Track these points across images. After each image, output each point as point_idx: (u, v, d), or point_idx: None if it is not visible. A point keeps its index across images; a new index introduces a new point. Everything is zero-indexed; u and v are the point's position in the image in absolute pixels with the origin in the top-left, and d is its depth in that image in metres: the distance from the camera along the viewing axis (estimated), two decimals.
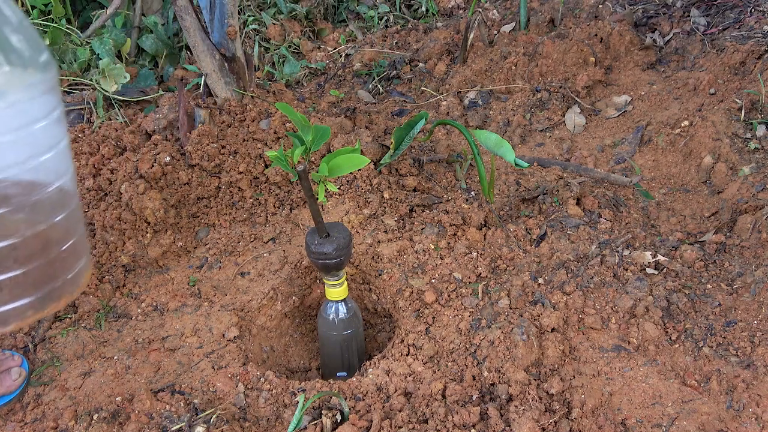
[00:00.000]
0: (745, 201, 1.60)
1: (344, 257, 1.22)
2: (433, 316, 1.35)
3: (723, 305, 1.31)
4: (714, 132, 1.79)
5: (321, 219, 1.18)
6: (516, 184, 1.75)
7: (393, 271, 1.45)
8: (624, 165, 1.85)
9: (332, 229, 1.23)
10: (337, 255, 1.20)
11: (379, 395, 1.18)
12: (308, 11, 2.58)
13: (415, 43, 2.45)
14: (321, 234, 1.20)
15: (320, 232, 1.20)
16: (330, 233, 1.21)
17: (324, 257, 1.20)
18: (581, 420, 1.13)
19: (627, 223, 1.59)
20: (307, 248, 1.22)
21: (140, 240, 1.57)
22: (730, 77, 1.96)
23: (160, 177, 1.64)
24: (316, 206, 1.15)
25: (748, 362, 1.18)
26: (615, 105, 2.06)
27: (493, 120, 2.07)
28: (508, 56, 2.15)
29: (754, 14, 2.16)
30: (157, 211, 1.58)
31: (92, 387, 1.27)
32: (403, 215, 1.58)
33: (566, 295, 1.32)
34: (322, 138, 1.11)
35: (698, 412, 1.11)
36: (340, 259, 1.21)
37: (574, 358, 1.23)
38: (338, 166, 1.11)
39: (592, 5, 2.30)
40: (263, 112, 1.94)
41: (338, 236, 1.21)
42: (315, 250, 1.20)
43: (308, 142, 1.10)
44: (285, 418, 1.15)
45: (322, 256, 1.20)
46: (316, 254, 1.20)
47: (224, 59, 1.90)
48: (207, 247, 1.59)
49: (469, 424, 1.10)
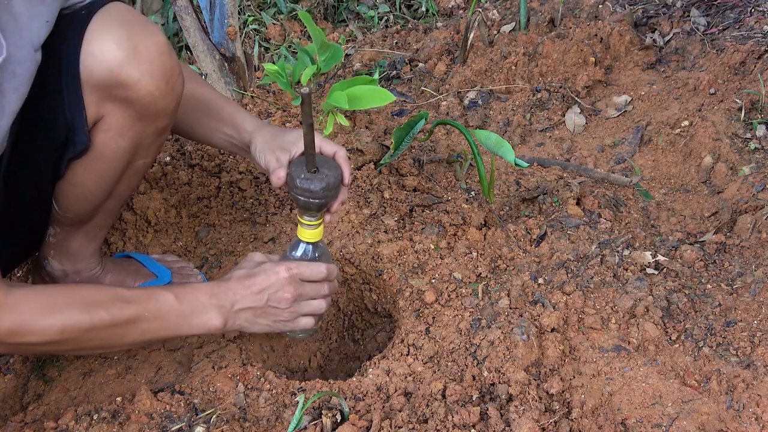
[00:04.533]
0: (745, 201, 1.60)
1: (331, 198, 1.12)
2: (433, 316, 1.35)
3: (723, 305, 1.31)
4: (714, 132, 1.79)
5: (314, 151, 1.05)
6: (516, 184, 1.75)
7: (393, 271, 1.45)
8: (624, 165, 1.85)
9: (322, 164, 1.11)
10: (323, 195, 1.09)
11: (379, 395, 1.18)
12: (308, 11, 2.59)
13: (415, 43, 2.45)
14: (310, 167, 1.07)
15: (309, 165, 1.07)
16: (319, 169, 1.09)
17: (309, 194, 1.08)
18: (581, 420, 1.13)
19: (627, 223, 1.60)
20: (290, 180, 1.09)
21: (141, 240, 1.57)
22: (730, 77, 1.96)
23: (160, 177, 1.64)
24: (312, 137, 1.02)
25: (748, 362, 1.18)
26: (615, 105, 2.06)
27: (493, 120, 2.07)
28: (508, 56, 2.15)
29: (754, 14, 2.16)
30: (157, 210, 1.58)
31: (92, 387, 1.27)
32: (403, 215, 1.58)
33: (566, 295, 1.33)
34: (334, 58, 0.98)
35: (698, 412, 1.11)
36: (325, 200, 1.11)
37: (574, 358, 1.23)
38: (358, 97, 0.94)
39: (592, 5, 2.30)
40: (263, 112, 1.94)
41: (328, 174, 1.09)
42: (300, 185, 1.07)
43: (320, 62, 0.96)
44: (285, 418, 1.15)
45: (307, 193, 1.08)
46: (300, 189, 1.08)
47: (224, 59, 1.90)
48: (207, 247, 1.59)
49: (469, 424, 1.10)
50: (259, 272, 1.14)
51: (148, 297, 1.06)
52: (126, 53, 1.05)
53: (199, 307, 1.09)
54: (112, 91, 1.08)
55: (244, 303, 1.12)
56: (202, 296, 1.10)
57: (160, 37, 1.10)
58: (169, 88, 1.12)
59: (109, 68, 1.06)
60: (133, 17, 1.09)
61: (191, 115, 1.28)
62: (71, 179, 1.19)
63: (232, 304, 1.11)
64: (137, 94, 1.09)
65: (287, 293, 1.14)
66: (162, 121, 1.17)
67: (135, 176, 1.26)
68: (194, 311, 1.09)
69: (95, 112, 1.11)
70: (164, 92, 1.12)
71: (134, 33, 1.07)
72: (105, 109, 1.11)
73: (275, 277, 1.14)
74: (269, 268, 1.14)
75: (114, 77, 1.06)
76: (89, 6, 1.07)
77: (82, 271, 1.35)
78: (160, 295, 1.07)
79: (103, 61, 1.05)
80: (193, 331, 1.10)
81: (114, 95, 1.09)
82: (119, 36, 1.05)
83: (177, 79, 1.13)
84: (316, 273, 1.18)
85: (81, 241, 1.32)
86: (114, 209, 1.32)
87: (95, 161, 1.17)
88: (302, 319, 1.18)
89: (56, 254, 1.32)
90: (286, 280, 1.14)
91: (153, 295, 1.07)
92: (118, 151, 1.17)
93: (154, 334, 1.08)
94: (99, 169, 1.18)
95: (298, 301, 1.16)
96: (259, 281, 1.13)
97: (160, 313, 1.06)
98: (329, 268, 1.20)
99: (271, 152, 1.17)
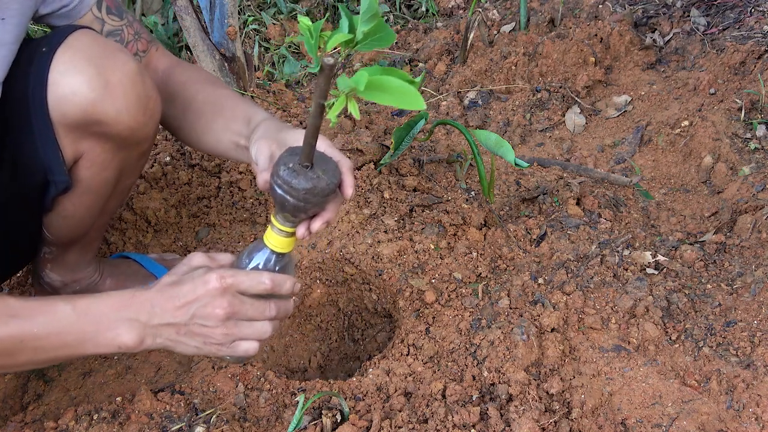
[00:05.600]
0: (745, 201, 1.60)
1: (312, 207, 0.89)
2: (433, 316, 1.35)
3: (723, 305, 1.31)
4: (714, 132, 1.79)
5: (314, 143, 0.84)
6: (516, 184, 1.75)
7: (393, 271, 1.45)
8: (624, 165, 1.85)
9: (321, 164, 0.89)
10: (304, 197, 0.87)
11: (379, 395, 1.18)
12: (308, 11, 2.59)
13: (415, 43, 2.45)
14: (304, 159, 0.86)
15: (304, 157, 0.86)
16: (314, 167, 0.87)
17: (287, 189, 0.86)
18: (581, 420, 1.13)
19: (627, 223, 1.60)
20: (275, 166, 0.88)
21: (141, 240, 1.57)
22: (730, 77, 1.96)
23: (160, 177, 1.64)
24: (318, 122, 0.80)
25: (748, 362, 1.18)
26: (615, 105, 2.06)
27: (493, 120, 2.07)
28: (508, 56, 2.15)
29: (754, 14, 2.16)
30: (157, 210, 1.58)
31: (92, 387, 1.27)
32: (403, 215, 1.58)
33: (566, 295, 1.33)
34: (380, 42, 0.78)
35: (698, 412, 1.11)
36: (305, 205, 0.88)
37: (574, 358, 1.23)
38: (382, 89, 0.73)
39: (592, 5, 2.30)
40: None
41: (321, 177, 0.87)
42: (282, 174, 0.86)
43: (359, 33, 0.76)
44: (285, 418, 1.15)
45: (286, 187, 0.86)
46: (280, 179, 0.86)
47: (224, 59, 1.90)
48: (207, 247, 1.60)
49: (469, 424, 1.10)
50: (186, 280, 0.92)
51: (40, 309, 0.90)
52: (98, 92, 1.00)
53: (104, 321, 0.90)
54: (89, 128, 1.05)
55: (164, 317, 0.91)
56: (107, 308, 0.91)
57: (130, 64, 1.04)
58: (147, 116, 1.08)
59: (83, 109, 1.01)
60: (99, 48, 1.02)
61: (202, 118, 1.15)
62: (60, 212, 1.18)
63: (149, 317, 0.91)
64: (115, 129, 1.05)
65: (218, 309, 0.90)
66: (144, 145, 1.15)
67: (122, 193, 1.25)
68: (98, 326, 0.90)
69: (74, 150, 1.08)
70: (143, 122, 1.08)
71: (104, 67, 1.01)
72: (84, 146, 1.08)
73: (203, 288, 0.90)
74: (198, 276, 0.92)
75: (89, 117, 1.02)
76: (49, 42, 1.01)
77: (81, 280, 1.35)
78: (56, 307, 0.90)
79: (76, 103, 1.00)
80: (101, 350, 0.91)
81: (91, 132, 1.06)
82: (89, 74, 1.00)
83: (154, 104, 1.09)
84: (257, 285, 0.93)
85: (76, 255, 1.32)
86: (105, 223, 1.32)
87: (82, 195, 1.16)
88: (241, 343, 0.94)
89: (53, 267, 1.33)
90: (217, 291, 0.90)
91: (46, 307, 0.90)
92: (103, 182, 1.16)
93: (53, 352, 0.91)
94: (87, 201, 1.18)
95: (235, 320, 0.92)
96: (184, 292, 0.91)
97: (55, 329, 0.89)
98: (277, 280, 0.94)
99: (267, 143, 0.96)
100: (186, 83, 1.18)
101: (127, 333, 0.90)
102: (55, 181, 1.09)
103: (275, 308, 0.95)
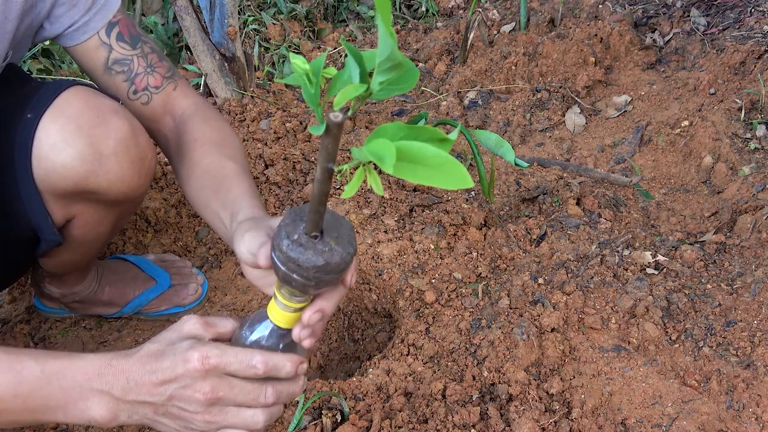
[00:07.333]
0: (745, 201, 1.60)
1: (326, 284, 0.72)
2: (433, 316, 1.35)
3: (723, 305, 1.31)
4: (714, 132, 1.79)
5: (322, 211, 0.66)
6: (516, 184, 1.75)
7: (393, 271, 1.45)
8: (624, 165, 1.85)
9: (331, 231, 0.71)
10: (314, 276, 0.70)
11: (379, 395, 1.18)
12: (308, 11, 2.58)
13: (415, 43, 2.45)
14: (310, 228, 0.68)
15: (310, 226, 0.68)
16: (324, 236, 0.70)
17: (293, 267, 0.69)
18: (581, 420, 1.13)
19: (627, 223, 1.60)
20: (275, 238, 0.70)
21: (141, 240, 1.57)
22: (730, 77, 1.96)
23: (160, 177, 1.64)
24: (326, 188, 0.63)
25: (748, 362, 1.18)
26: (615, 105, 2.06)
27: (493, 120, 2.07)
28: (508, 56, 2.15)
29: (754, 14, 2.16)
30: (157, 210, 1.58)
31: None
32: (403, 215, 1.58)
33: (566, 295, 1.33)
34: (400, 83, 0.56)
35: (698, 412, 1.11)
36: (316, 283, 0.71)
37: (574, 358, 1.23)
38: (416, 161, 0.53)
39: (592, 5, 2.30)
40: (263, 112, 1.94)
41: (334, 249, 0.69)
42: (285, 249, 0.68)
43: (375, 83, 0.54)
44: (285, 418, 1.15)
45: (291, 265, 0.69)
46: (283, 255, 0.69)
47: (224, 59, 1.90)
48: (207, 246, 1.59)
49: (469, 424, 1.10)
50: (168, 354, 0.77)
51: (5, 367, 0.77)
52: (91, 165, 0.96)
53: (74, 390, 0.77)
54: (81, 196, 1.02)
55: (140, 394, 0.77)
56: (80, 375, 0.77)
57: (124, 129, 0.98)
58: (142, 179, 1.04)
59: (75, 182, 0.98)
60: (91, 114, 0.95)
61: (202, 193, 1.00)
62: (56, 258, 1.18)
63: (124, 392, 0.77)
64: (109, 196, 1.02)
65: (197, 393, 0.76)
66: (138, 199, 1.12)
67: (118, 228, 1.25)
68: (68, 395, 0.78)
69: (64, 214, 1.05)
70: (137, 185, 1.04)
71: (95, 137, 0.95)
72: (75, 209, 1.06)
73: (182, 367, 0.76)
74: (180, 352, 0.76)
75: (82, 188, 0.99)
76: (35, 105, 0.95)
77: (80, 292, 1.36)
78: (23, 366, 0.77)
79: (67, 177, 0.96)
80: (72, 420, 0.79)
81: (84, 198, 1.03)
82: (80, 147, 0.94)
83: (149, 163, 1.04)
84: (246, 369, 0.77)
85: (74, 277, 1.33)
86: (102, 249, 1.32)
87: (77, 247, 1.16)
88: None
89: (51, 281, 1.34)
90: (198, 373, 0.75)
91: (13, 365, 0.77)
92: (98, 236, 1.16)
93: (19, 416, 0.78)
94: (82, 250, 1.19)
95: (220, 407, 0.78)
96: (163, 368, 0.77)
97: (20, 391, 0.77)
98: (272, 363, 0.77)
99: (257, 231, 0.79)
100: (196, 142, 1.05)
101: (97, 407, 0.78)
102: (45, 239, 1.06)
103: (273, 394, 0.79)
